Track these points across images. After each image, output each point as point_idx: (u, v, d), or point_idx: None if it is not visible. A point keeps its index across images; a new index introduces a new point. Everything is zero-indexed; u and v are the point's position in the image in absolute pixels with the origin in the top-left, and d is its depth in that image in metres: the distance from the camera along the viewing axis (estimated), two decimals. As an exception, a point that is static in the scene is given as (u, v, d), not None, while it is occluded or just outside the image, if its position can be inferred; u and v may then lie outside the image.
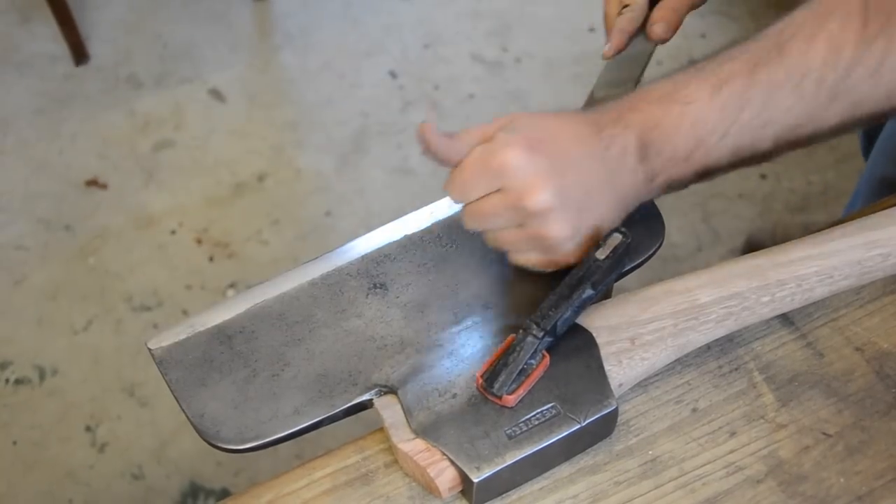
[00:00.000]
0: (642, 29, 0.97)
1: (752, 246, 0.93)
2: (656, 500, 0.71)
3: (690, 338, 0.74)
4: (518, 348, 0.70)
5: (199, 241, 2.18)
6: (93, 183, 2.30)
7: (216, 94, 2.50)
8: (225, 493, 1.80)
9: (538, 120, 0.75)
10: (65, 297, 2.08)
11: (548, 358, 0.72)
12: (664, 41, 0.97)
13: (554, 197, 0.71)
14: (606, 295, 0.79)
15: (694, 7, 0.99)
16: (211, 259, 2.15)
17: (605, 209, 0.75)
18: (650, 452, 0.73)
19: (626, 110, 0.74)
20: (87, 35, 2.58)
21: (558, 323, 0.71)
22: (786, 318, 0.81)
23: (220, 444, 0.72)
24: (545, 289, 0.73)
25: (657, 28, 0.96)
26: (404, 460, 0.71)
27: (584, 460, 0.73)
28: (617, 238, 0.75)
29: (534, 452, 0.69)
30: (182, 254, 2.16)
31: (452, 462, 0.68)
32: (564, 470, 0.73)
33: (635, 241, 0.76)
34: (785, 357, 0.79)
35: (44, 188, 2.29)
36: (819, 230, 0.79)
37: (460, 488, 0.70)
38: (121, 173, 2.32)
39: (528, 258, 0.76)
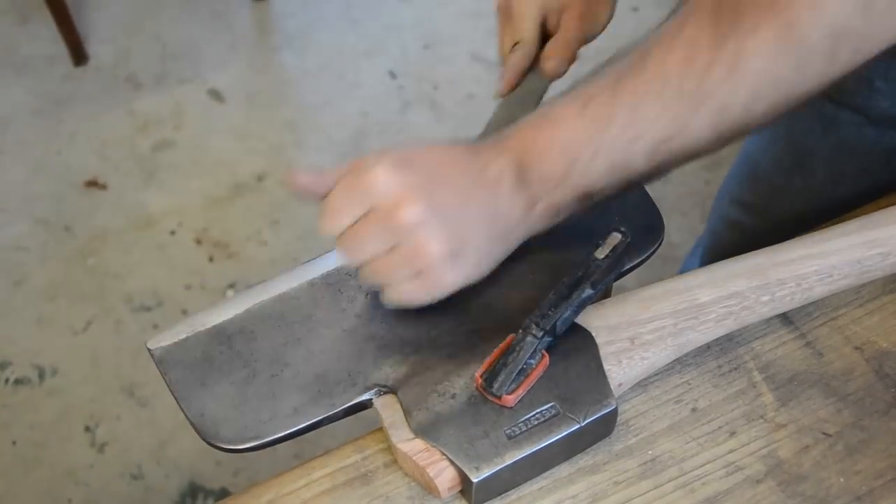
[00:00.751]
0: (536, 65, 0.95)
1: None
2: (656, 499, 0.71)
3: (690, 337, 0.74)
4: (517, 348, 0.70)
5: (198, 242, 2.19)
6: (92, 183, 2.30)
7: (215, 95, 2.50)
8: (224, 493, 1.80)
9: (411, 149, 0.73)
10: (64, 297, 2.08)
11: (547, 358, 0.72)
12: (558, 77, 0.94)
13: (425, 210, 0.69)
14: (606, 294, 0.79)
15: (588, 40, 0.96)
16: (210, 259, 2.16)
17: (483, 234, 0.72)
18: (650, 452, 0.73)
19: (503, 137, 0.73)
20: (86, 35, 2.59)
21: (558, 322, 0.71)
22: (785, 318, 0.81)
23: (219, 444, 0.72)
24: (544, 289, 0.73)
25: (550, 64, 0.93)
26: (404, 460, 0.71)
27: (584, 460, 0.73)
28: (616, 237, 0.75)
29: (533, 452, 0.69)
30: (182, 254, 2.17)
31: (452, 462, 0.68)
32: (564, 470, 0.73)
33: (634, 240, 0.76)
34: (784, 356, 0.79)
35: (43, 189, 2.29)
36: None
37: (460, 488, 0.70)
38: (120, 174, 2.32)
39: (406, 289, 0.72)
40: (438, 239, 0.69)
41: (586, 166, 0.70)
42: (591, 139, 0.69)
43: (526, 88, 0.95)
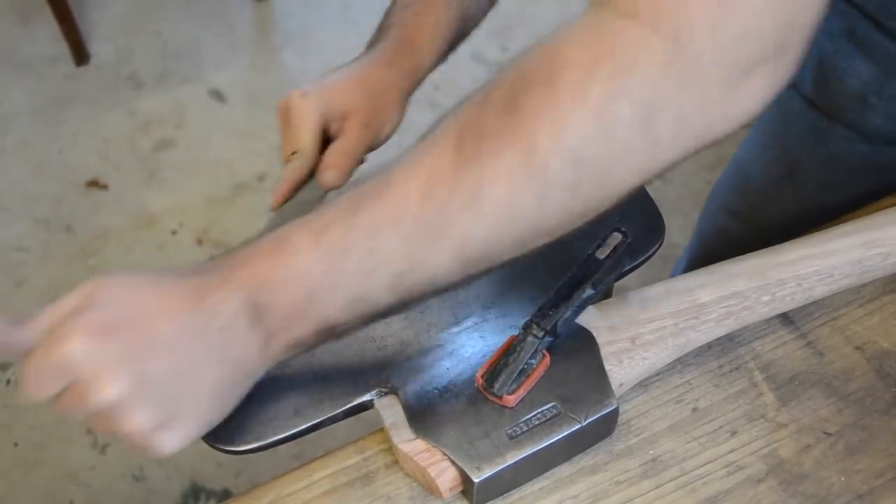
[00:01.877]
0: (314, 175, 0.89)
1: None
2: (657, 499, 0.71)
3: (691, 337, 0.75)
4: (518, 348, 0.70)
5: (199, 242, 2.19)
6: (93, 183, 2.30)
7: (216, 94, 2.50)
8: (226, 495, 1.80)
9: (122, 293, 0.65)
10: (65, 297, 2.08)
11: (548, 358, 0.72)
12: (335, 188, 0.88)
13: (124, 389, 0.61)
14: (607, 294, 0.79)
15: (373, 148, 0.91)
16: (211, 259, 2.15)
17: (210, 386, 0.65)
18: (651, 452, 0.73)
19: (235, 268, 0.65)
20: (87, 35, 2.59)
21: (559, 323, 0.71)
22: (786, 318, 0.81)
23: (220, 446, 0.72)
24: (545, 289, 0.73)
25: (327, 175, 0.87)
26: (405, 461, 0.71)
27: (585, 460, 0.73)
28: (617, 237, 0.75)
29: (534, 452, 0.69)
30: (183, 254, 2.17)
31: (453, 462, 0.68)
32: (565, 470, 0.73)
33: (635, 240, 0.76)
34: (785, 356, 0.79)
35: (44, 188, 2.29)
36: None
37: (461, 488, 0.70)
38: (121, 173, 2.32)
39: (132, 445, 0.65)
40: (145, 414, 0.63)
41: (325, 300, 0.64)
42: (328, 272, 0.63)
43: (301, 199, 0.90)
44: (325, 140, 0.90)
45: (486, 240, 0.61)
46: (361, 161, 0.90)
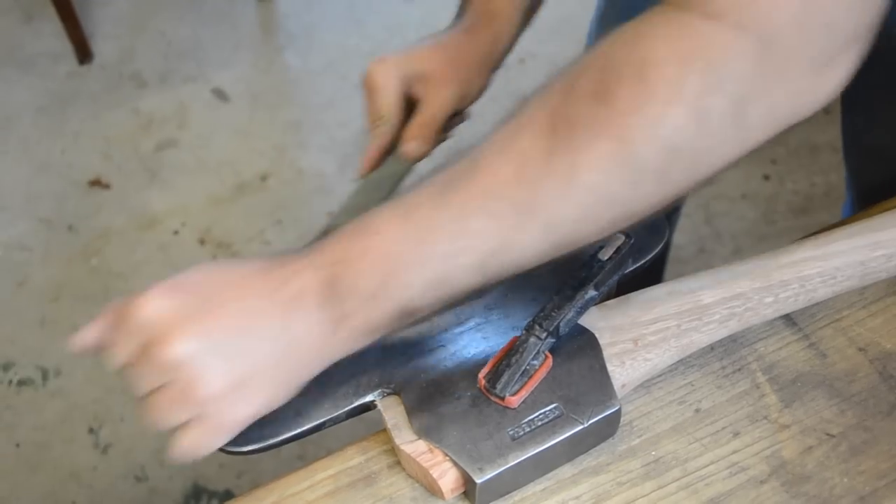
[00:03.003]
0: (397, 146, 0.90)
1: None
2: (659, 500, 0.71)
3: (693, 338, 0.74)
4: (521, 349, 0.70)
5: (201, 242, 2.19)
6: (96, 183, 2.30)
7: (220, 94, 2.50)
8: (228, 495, 1.81)
9: (199, 267, 0.67)
10: (67, 297, 2.08)
11: (550, 359, 0.71)
12: (418, 160, 0.90)
13: (193, 344, 0.63)
14: (609, 295, 0.79)
15: (455, 122, 0.91)
16: (214, 259, 2.15)
17: (275, 360, 0.66)
18: (653, 453, 0.73)
19: (314, 249, 0.66)
20: (90, 33, 2.59)
21: (561, 324, 0.71)
22: (789, 319, 0.81)
23: (222, 446, 0.72)
24: (548, 290, 0.73)
25: (408, 147, 0.89)
26: (407, 462, 0.71)
27: (587, 461, 0.73)
28: (620, 238, 0.74)
29: (537, 453, 0.69)
30: (185, 254, 2.17)
31: (455, 463, 0.68)
32: (567, 471, 0.72)
33: (638, 241, 0.76)
34: (788, 358, 0.78)
35: (46, 188, 2.29)
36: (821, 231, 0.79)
37: (463, 489, 0.70)
38: (124, 173, 2.33)
39: (190, 438, 0.65)
40: (214, 373, 0.63)
41: (406, 281, 0.64)
42: (412, 251, 0.64)
43: (385, 171, 0.90)
44: (410, 107, 0.90)
45: (575, 223, 0.63)
46: (445, 138, 0.91)
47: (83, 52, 2.54)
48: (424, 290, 0.64)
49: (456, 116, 0.93)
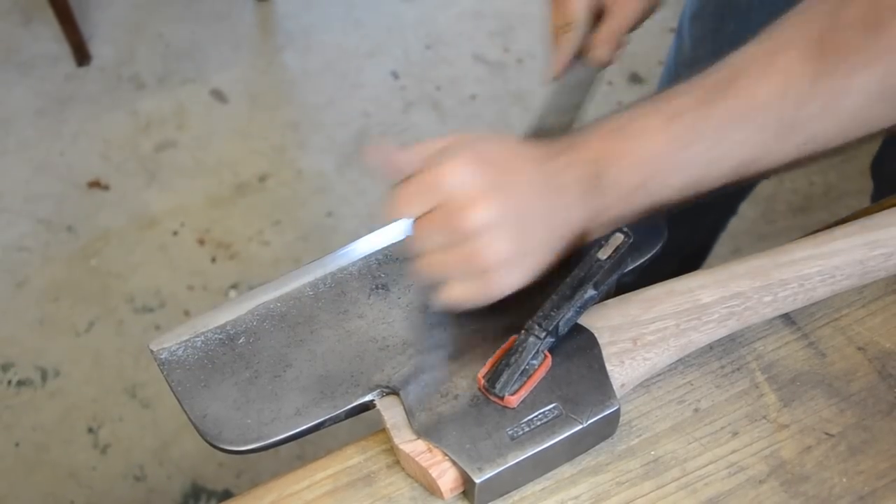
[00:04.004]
0: (585, 50, 0.93)
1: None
2: (658, 500, 0.71)
3: (693, 338, 0.74)
4: (520, 349, 0.70)
5: (201, 242, 2.19)
6: (95, 184, 2.30)
7: (218, 95, 2.50)
8: (227, 495, 1.81)
9: (487, 140, 0.71)
10: (67, 298, 2.08)
11: (550, 358, 0.71)
12: (606, 65, 0.94)
13: (492, 216, 0.67)
14: (609, 295, 0.79)
15: (638, 25, 0.95)
16: (213, 260, 2.16)
17: (546, 239, 0.71)
18: (652, 453, 0.73)
19: (578, 143, 0.71)
20: (89, 35, 2.59)
21: (560, 323, 0.71)
22: (788, 318, 0.81)
23: (221, 446, 0.72)
24: (547, 289, 0.73)
25: (599, 52, 0.92)
26: (406, 461, 0.71)
27: (586, 461, 0.73)
28: (619, 238, 0.74)
29: (536, 453, 0.69)
30: (184, 254, 2.17)
31: (454, 463, 0.68)
32: (566, 470, 0.72)
33: (637, 240, 0.76)
34: (787, 357, 0.78)
35: (45, 189, 2.29)
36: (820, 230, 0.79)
37: (462, 489, 0.70)
38: (123, 174, 2.32)
39: (460, 289, 0.70)
40: (503, 243, 0.68)
41: (663, 181, 0.70)
42: (673, 156, 0.69)
43: (576, 76, 0.94)
44: (595, 14, 0.94)
45: (832, 140, 0.68)
46: (625, 44, 0.95)
47: (81, 54, 2.53)
48: (678, 191, 0.71)
49: (635, 26, 0.97)
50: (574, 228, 0.72)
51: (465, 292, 0.70)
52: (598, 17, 0.94)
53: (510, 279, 0.70)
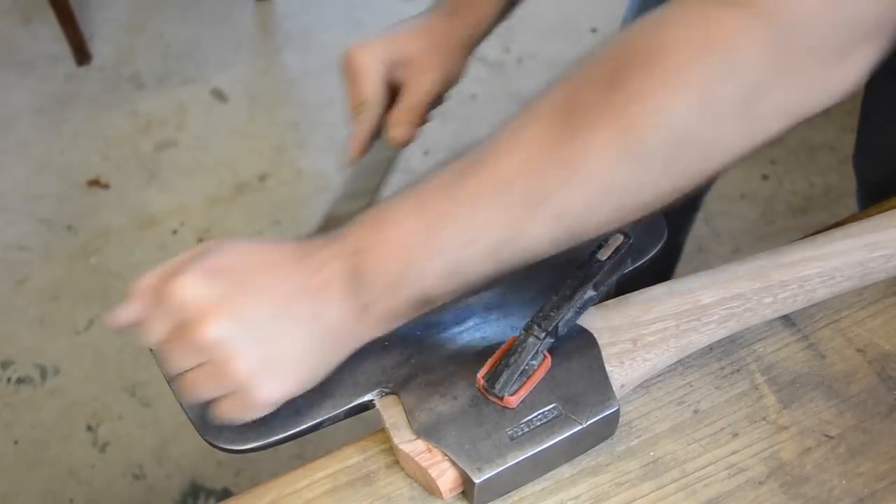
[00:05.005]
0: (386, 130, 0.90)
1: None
2: (658, 501, 0.71)
3: (692, 339, 0.74)
4: (520, 349, 0.70)
5: (200, 241, 2.18)
6: (95, 183, 2.30)
7: (218, 95, 2.50)
8: (226, 494, 1.80)
9: (233, 247, 0.69)
10: (66, 296, 2.08)
11: (549, 359, 0.71)
12: (405, 145, 0.90)
13: (227, 327, 0.64)
14: (608, 296, 0.79)
15: (438, 100, 0.91)
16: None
17: (305, 345, 0.67)
18: (652, 453, 0.73)
19: (337, 237, 0.68)
20: (89, 35, 2.59)
21: (560, 324, 0.71)
22: (788, 320, 0.81)
23: (221, 445, 0.72)
24: (547, 290, 0.73)
25: (395, 133, 0.89)
26: (405, 461, 0.71)
27: (586, 461, 0.73)
28: (618, 238, 0.74)
29: (535, 453, 0.69)
30: (184, 254, 2.16)
31: (454, 463, 0.68)
32: (566, 471, 0.72)
33: (637, 241, 0.76)
34: (787, 358, 0.78)
35: (46, 188, 2.29)
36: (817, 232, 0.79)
37: (461, 489, 0.70)
38: (123, 173, 2.32)
39: (227, 406, 0.68)
40: (246, 354, 0.65)
41: (422, 270, 0.65)
42: (427, 242, 0.65)
43: (374, 156, 0.90)
44: (391, 91, 0.90)
45: (584, 212, 0.63)
46: (426, 120, 0.91)
47: (82, 54, 2.53)
48: (440, 278, 0.66)
49: (436, 100, 0.93)
50: (339, 327, 0.68)
51: (232, 407, 0.68)
52: (395, 94, 0.90)
53: (270, 389, 0.67)
